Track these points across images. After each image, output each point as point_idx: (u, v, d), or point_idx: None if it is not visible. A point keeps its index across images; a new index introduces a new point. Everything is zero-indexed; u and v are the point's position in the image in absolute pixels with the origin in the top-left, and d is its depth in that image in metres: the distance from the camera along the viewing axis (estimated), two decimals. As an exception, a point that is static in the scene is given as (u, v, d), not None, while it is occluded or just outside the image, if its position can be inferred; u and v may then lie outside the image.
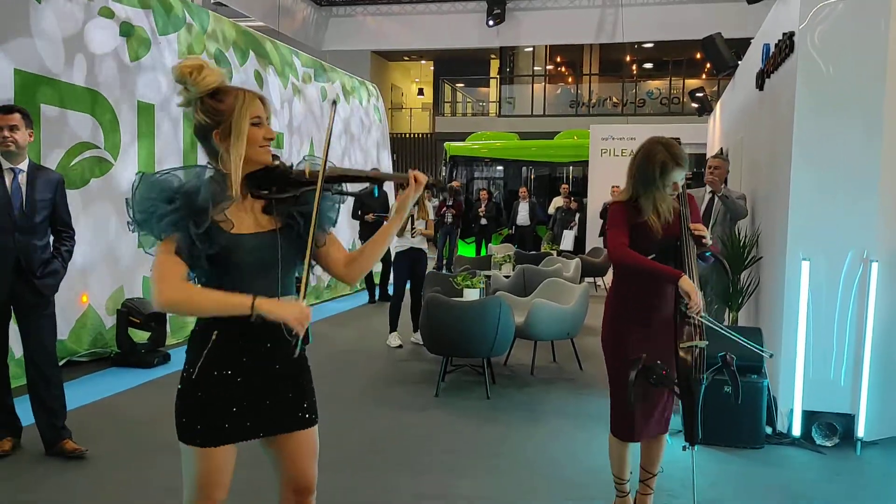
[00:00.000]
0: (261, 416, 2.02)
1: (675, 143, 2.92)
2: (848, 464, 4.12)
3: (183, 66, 1.91)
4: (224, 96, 1.94)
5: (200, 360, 1.96)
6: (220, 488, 2.01)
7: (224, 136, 1.93)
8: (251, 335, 1.97)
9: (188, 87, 1.92)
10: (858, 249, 4.33)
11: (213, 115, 1.92)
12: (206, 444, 1.97)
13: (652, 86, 22.79)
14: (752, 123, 6.52)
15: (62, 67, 5.86)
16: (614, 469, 3.16)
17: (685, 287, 2.72)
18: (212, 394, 1.96)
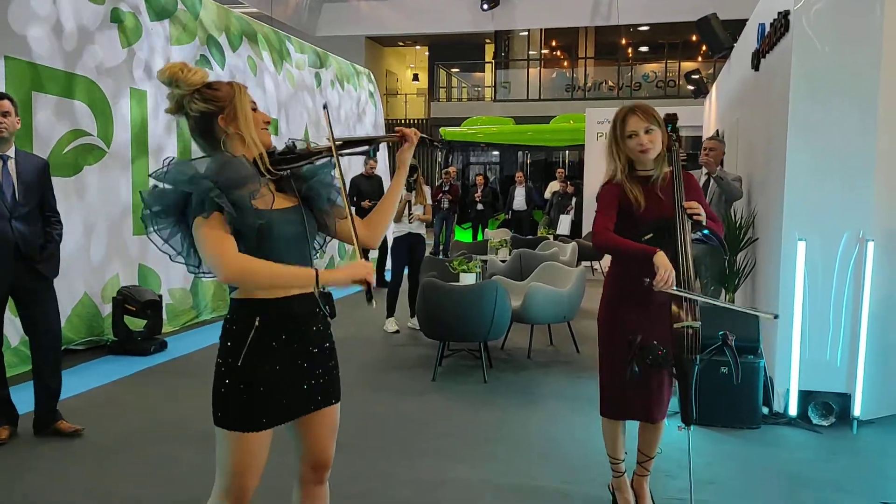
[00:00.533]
0: (297, 397, 2.07)
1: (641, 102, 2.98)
2: (844, 443, 4.14)
3: (169, 67, 1.99)
4: (219, 85, 2.03)
5: (245, 347, 1.97)
6: (254, 474, 2.04)
7: (230, 119, 2.00)
8: (290, 319, 2.03)
9: (179, 86, 1.98)
10: (854, 229, 4.32)
11: (214, 101, 1.99)
12: (247, 430, 1.99)
13: (647, 69, 22.70)
14: (747, 104, 6.50)
15: (52, 54, 5.81)
16: (608, 449, 3.17)
17: (657, 261, 2.71)
18: (256, 380, 1.99)
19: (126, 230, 6.60)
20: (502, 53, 24.22)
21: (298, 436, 2.16)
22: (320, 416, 2.14)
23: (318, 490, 2.24)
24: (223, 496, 2.04)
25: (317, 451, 2.18)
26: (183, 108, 2.02)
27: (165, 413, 4.58)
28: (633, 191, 2.88)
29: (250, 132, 2.00)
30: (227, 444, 2.01)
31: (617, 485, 3.21)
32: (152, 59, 6.93)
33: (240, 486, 2.02)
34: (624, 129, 2.90)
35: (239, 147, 2.01)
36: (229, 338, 2.02)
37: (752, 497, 3.42)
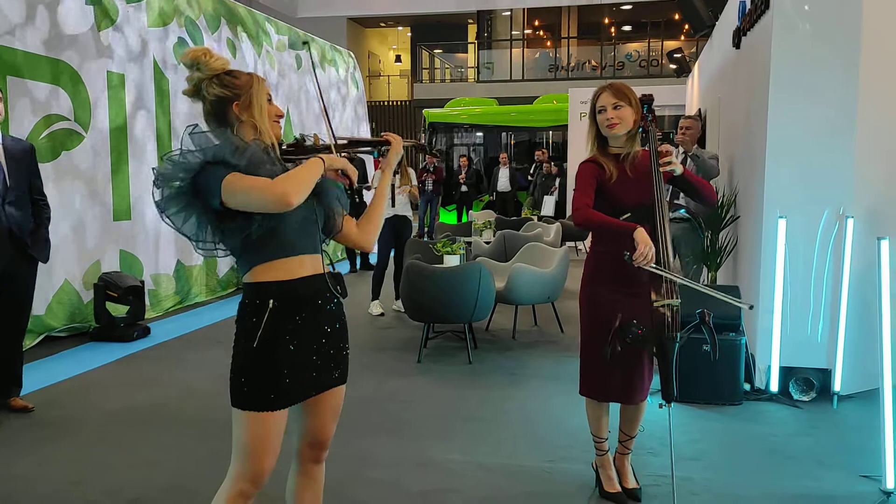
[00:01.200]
0: (312, 377, 2.11)
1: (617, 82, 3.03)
2: (825, 417, 4.19)
3: (193, 50, 2.05)
4: (238, 74, 2.09)
5: (260, 329, 2.00)
6: (271, 454, 2.06)
7: (244, 107, 2.05)
8: (302, 299, 2.07)
9: (200, 69, 2.04)
10: (834, 206, 4.35)
11: (232, 89, 2.04)
12: (265, 409, 2.01)
13: (630, 48, 22.66)
14: (729, 83, 6.50)
15: (28, 37, 5.71)
16: (592, 428, 3.19)
17: (637, 237, 2.73)
18: (273, 359, 2.02)
19: (107, 216, 6.54)
20: (485, 34, 24.09)
21: (303, 414, 2.19)
22: (326, 395, 2.18)
23: (315, 469, 2.28)
24: (240, 478, 2.04)
25: (318, 430, 2.21)
26: (200, 92, 2.06)
27: (148, 399, 4.56)
28: (606, 163, 2.92)
29: (263, 122, 2.06)
30: (245, 424, 2.03)
31: (600, 462, 3.23)
32: (129, 41, 6.83)
33: (257, 467, 2.04)
34: (596, 104, 2.97)
35: (250, 135, 2.05)
36: (244, 321, 2.05)
37: (733, 472, 3.46)
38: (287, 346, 2.04)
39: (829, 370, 4.42)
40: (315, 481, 2.29)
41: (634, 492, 3.18)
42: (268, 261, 2.03)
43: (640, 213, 2.85)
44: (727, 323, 4.35)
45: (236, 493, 2.04)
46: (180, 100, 7.63)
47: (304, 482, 2.27)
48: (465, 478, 3.41)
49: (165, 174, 1.95)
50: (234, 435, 2.05)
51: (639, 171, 2.91)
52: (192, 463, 3.56)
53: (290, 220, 2.01)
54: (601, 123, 2.95)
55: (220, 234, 1.99)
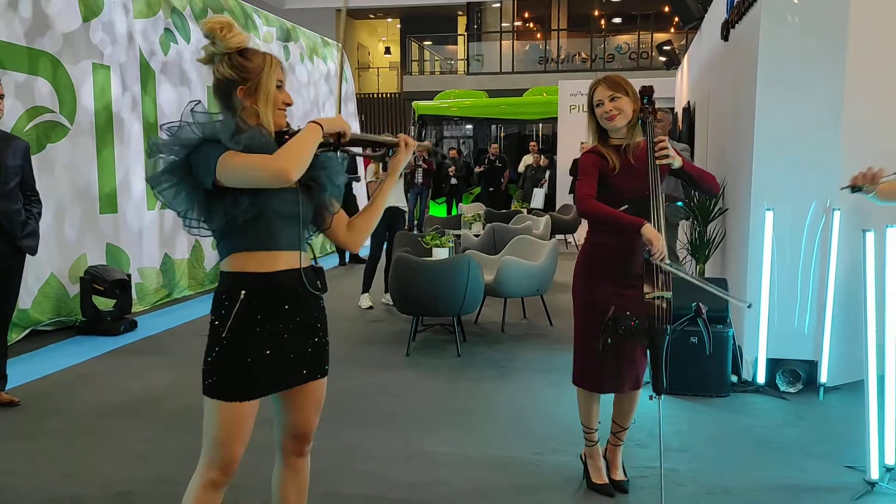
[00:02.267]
0: (284, 369, 2.09)
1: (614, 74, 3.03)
2: (811, 408, 4.22)
3: (213, 21, 2.00)
4: (252, 55, 2.03)
5: (230, 318, 1.99)
6: (240, 443, 2.05)
7: (249, 92, 2.01)
8: (276, 292, 2.04)
9: (216, 43, 2.00)
10: (821, 199, 4.37)
11: (240, 72, 2.00)
12: (234, 399, 2.01)
13: (620, 40, 22.66)
14: (717, 75, 6.51)
15: (11, 30, 5.64)
16: (582, 418, 3.20)
17: (647, 234, 2.73)
18: (242, 349, 2.01)
19: (93, 209, 6.49)
20: (475, 26, 24.02)
21: (283, 407, 2.18)
22: (306, 388, 2.16)
23: (299, 462, 2.26)
24: (210, 466, 2.05)
25: (299, 422, 2.19)
26: (212, 63, 2.03)
27: (136, 392, 4.54)
28: (609, 154, 2.92)
29: (266, 111, 2.01)
30: (215, 413, 2.02)
31: (589, 453, 3.24)
32: (114, 32, 6.77)
33: (226, 455, 2.03)
34: (593, 98, 2.96)
35: (252, 120, 2.02)
36: (218, 309, 2.04)
37: (720, 463, 3.48)
38: (257, 338, 2.02)
39: (815, 362, 4.45)
40: (299, 474, 2.27)
41: (622, 483, 3.19)
42: (246, 250, 2.01)
43: (638, 205, 2.85)
44: (714, 315, 4.35)
45: (206, 481, 2.05)
46: (167, 92, 7.57)
47: (288, 476, 2.26)
48: (453, 470, 3.41)
49: (160, 145, 1.94)
50: (205, 423, 2.05)
51: (640, 161, 2.91)
52: (180, 456, 3.54)
53: (274, 212, 2.00)
54: (600, 117, 2.94)
55: (207, 213, 1.99)
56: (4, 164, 4.04)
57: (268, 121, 2.02)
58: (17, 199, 4.12)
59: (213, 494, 2.06)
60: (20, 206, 4.15)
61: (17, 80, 5.68)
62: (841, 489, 3.21)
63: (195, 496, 2.05)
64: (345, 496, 3.16)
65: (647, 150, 2.89)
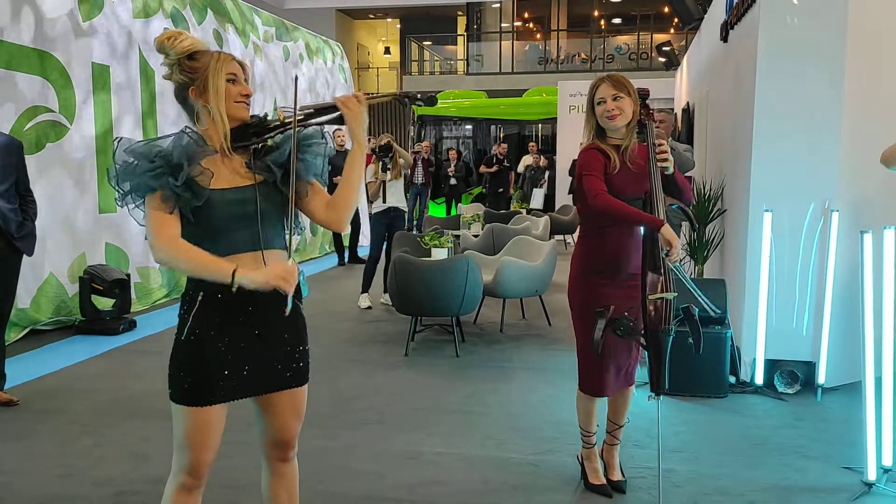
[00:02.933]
0: (249, 376, 2.06)
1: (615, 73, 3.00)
2: (809, 409, 4.22)
3: (161, 35, 2.02)
4: (199, 56, 2.03)
5: (189, 321, 2.00)
6: (208, 448, 2.04)
7: (200, 92, 2.00)
8: (234, 298, 1.97)
9: (167, 53, 2.01)
10: (820, 200, 4.38)
11: (189, 73, 2.01)
12: (194, 403, 2.00)
13: (620, 41, 22.67)
14: (716, 76, 6.52)
15: (11, 28, 5.65)
16: (581, 422, 3.20)
17: (666, 234, 2.72)
18: (200, 354, 2.00)
19: (91, 208, 6.49)
20: (474, 26, 24.02)
21: (261, 414, 2.17)
22: (282, 396, 2.12)
23: (284, 467, 2.24)
24: (180, 470, 2.05)
25: (276, 430, 2.17)
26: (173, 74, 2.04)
27: (135, 392, 4.54)
28: (610, 152, 2.90)
29: (219, 106, 1.99)
30: (180, 418, 2.02)
31: (587, 455, 3.25)
32: (114, 33, 6.77)
33: (195, 460, 2.03)
34: (595, 96, 2.93)
35: (207, 119, 2.01)
36: (180, 312, 2.05)
37: (718, 464, 3.48)
38: (215, 342, 2.00)
39: (813, 363, 4.45)
40: (286, 478, 2.25)
41: (620, 484, 3.20)
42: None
43: (637, 207, 2.85)
44: (713, 316, 4.37)
45: (178, 486, 2.05)
46: (166, 91, 7.57)
47: (276, 480, 2.24)
48: (451, 470, 3.42)
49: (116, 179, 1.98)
50: (174, 428, 2.04)
51: (636, 164, 2.91)
52: (179, 456, 3.54)
53: (220, 219, 1.97)
54: (600, 115, 2.91)
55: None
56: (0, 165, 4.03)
57: (221, 116, 1.99)
58: (12, 200, 4.12)
59: (187, 497, 2.06)
60: (16, 206, 4.15)
61: (16, 79, 5.68)
62: (838, 490, 3.21)
63: (171, 499, 2.06)
64: (343, 495, 3.17)
65: (649, 152, 2.88)
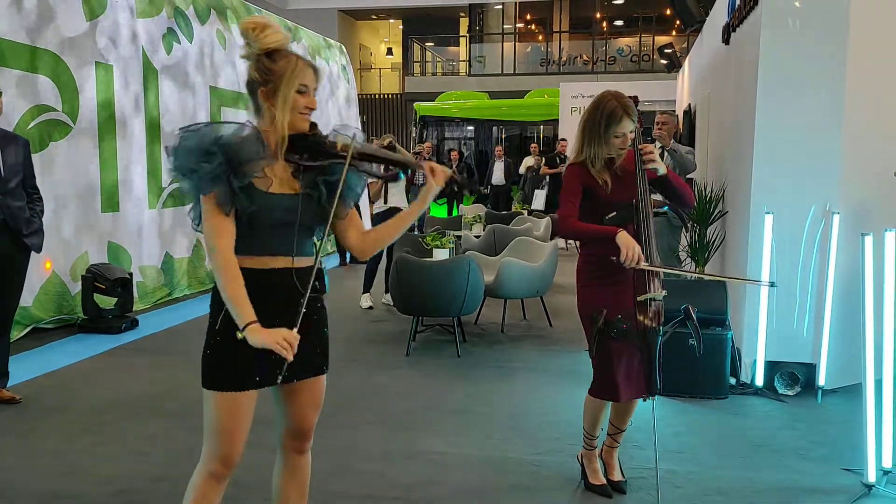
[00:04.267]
0: (279, 363, 2.05)
1: (626, 97, 2.93)
2: (809, 411, 4.23)
3: (248, 22, 2.01)
4: (278, 58, 2.03)
5: (223, 311, 2.00)
6: (239, 434, 2.07)
7: (269, 95, 2.02)
8: (269, 289, 2.04)
9: (249, 44, 2.02)
10: (821, 203, 4.38)
11: (263, 74, 2.02)
12: (229, 389, 2.03)
13: (622, 43, 22.69)
14: (718, 79, 6.52)
15: (14, 28, 5.67)
16: (587, 425, 3.19)
17: (619, 241, 2.74)
18: (236, 341, 1.99)
19: (95, 207, 6.51)
20: (477, 27, 24.05)
21: (282, 403, 2.20)
22: (305, 385, 2.17)
23: (300, 460, 2.27)
24: (211, 458, 2.07)
25: (298, 419, 2.21)
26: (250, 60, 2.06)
27: (137, 390, 4.55)
28: (601, 175, 2.90)
29: (284, 114, 2.00)
30: (212, 404, 2.05)
31: (587, 456, 3.25)
32: (117, 32, 6.79)
33: (226, 447, 2.06)
34: (615, 128, 2.86)
35: (267, 123, 2.04)
36: (214, 302, 2.06)
37: (718, 465, 3.49)
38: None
39: (813, 365, 4.46)
40: (300, 472, 2.29)
41: (620, 484, 3.21)
42: (239, 253, 2.00)
43: (626, 211, 2.86)
44: (713, 317, 4.39)
45: (207, 473, 2.07)
46: (169, 91, 7.59)
47: (289, 474, 2.27)
48: (452, 470, 3.42)
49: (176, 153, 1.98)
50: (205, 416, 2.07)
51: (626, 170, 2.92)
52: (181, 454, 3.56)
53: (269, 223, 2.01)
54: (615, 145, 2.88)
55: (199, 216, 2.04)
56: (6, 162, 4.07)
57: (281, 124, 2.01)
58: (20, 197, 4.17)
59: (214, 486, 2.08)
60: (24, 203, 4.20)
61: (19, 77, 5.70)
62: (838, 492, 3.22)
63: (197, 487, 2.08)
64: (344, 495, 3.18)
65: (635, 157, 2.90)
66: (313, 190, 2.08)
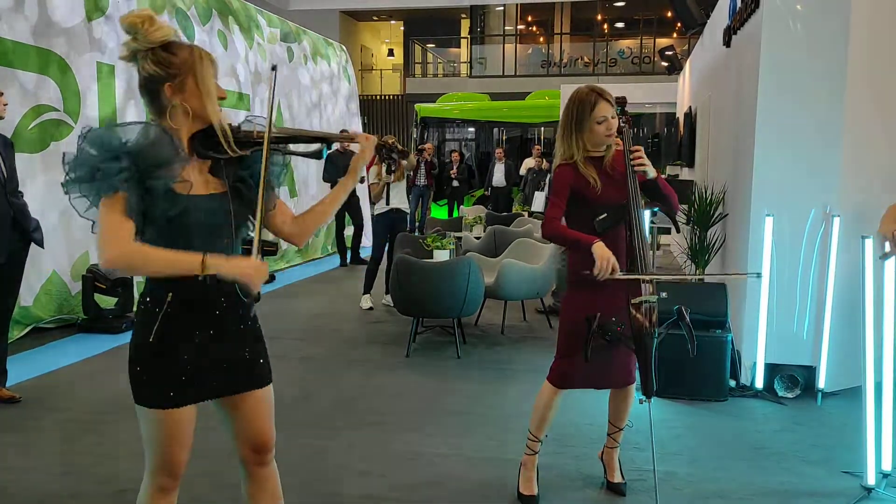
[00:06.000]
0: (217, 376, 2.01)
1: (600, 87, 2.95)
2: (808, 414, 4.23)
3: (133, 14, 1.87)
4: (178, 49, 1.91)
5: (156, 323, 1.92)
6: (183, 448, 2.01)
7: (178, 89, 1.89)
8: (204, 297, 1.95)
9: (137, 38, 1.87)
10: (821, 205, 4.39)
11: (166, 67, 1.88)
12: (166, 406, 1.95)
13: (623, 45, 22.71)
14: (719, 81, 6.53)
15: (15, 27, 5.67)
16: (535, 424, 3.11)
17: (595, 252, 2.71)
18: (170, 356, 1.94)
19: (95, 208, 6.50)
20: (478, 29, 24.07)
21: (230, 419, 2.10)
22: (252, 398, 2.08)
23: (262, 471, 2.16)
24: (156, 472, 2.01)
25: (250, 433, 2.10)
26: (135, 61, 1.91)
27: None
28: (590, 174, 2.88)
29: (213, 105, 1.90)
30: (149, 421, 1.97)
31: (527, 462, 3.17)
32: (120, 32, 6.77)
33: (169, 461, 2.00)
34: (594, 113, 2.85)
35: (182, 120, 1.90)
36: (143, 315, 1.95)
37: (717, 467, 3.49)
38: (185, 344, 1.95)
39: (813, 367, 4.46)
40: (266, 482, 2.18)
41: (620, 486, 3.21)
42: None
43: (617, 212, 2.86)
44: (713, 320, 4.39)
45: (156, 487, 2.02)
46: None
47: (256, 486, 2.17)
48: (452, 471, 3.43)
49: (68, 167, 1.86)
50: (143, 432, 2.00)
51: (616, 170, 2.92)
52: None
53: (191, 227, 1.90)
54: (600, 132, 2.86)
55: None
56: (7, 163, 4.14)
57: (215, 115, 1.90)
58: (20, 196, 4.25)
59: (167, 498, 2.03)
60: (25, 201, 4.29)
61: (21, 78, 5.71)
62: (837, 494, 3.22)
63: (147, 503, 2.03)
64: (344, 496, 3.18)
65: (625, 158, 2.90)
66: (240, 183, 1.99)
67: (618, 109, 2.91)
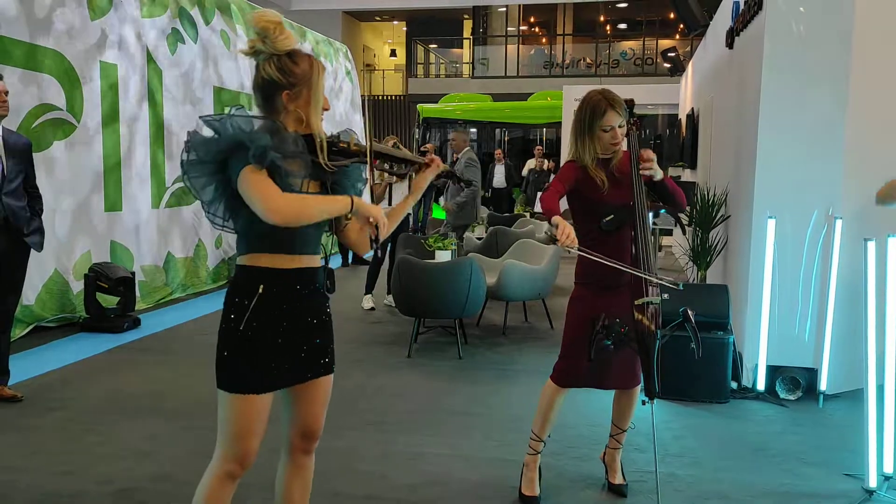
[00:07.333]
0: (296, 363, 2.11)
1: (613, 93, 2.93)
2: (810, 416, 4.23)
3: (266, 19, 1.97)
4: (300, 60, 2.02)
5: (247, 311, 2.01)
6: (256, 435, 2.08)
7: (293, 97, 2.00)
8: (292, 289, 2.07)
9: (266, 42, 1.98)
10: (823, 207, 4.38)
11: (287, 76, 1.99)
12: (248, 392, 2.02)
13: (625, 46, 22.70)
14: (721, 83, 6.53)
15: (19, 26, 5.68)
16: (538, 424, 3.12)
17: (555, 222, 2.67)
18: (258, 343, 2.03)
19: (97, 206, 6.52)
20: (480, 29, 24.07)
21: (292, 403, 2.20)
22: (315, 385, 2.19)
23: (305, 460, 2.27)
24: (227, 459, 2.07)
25: (308, 419, 2.21)
26: (257, 58, 2.02)
27: (138, 390, 4.56)
28: (598, 175, 2.89)
29: (316, 117, 2.02)
30: (229, 406, 2.04)
31: (528, 462, 3.17)
32: (122, 31, 6.81)
33: (243, 448, 2.06)
34: (602, 122, 2.86)
35: (293, 126, 2.02)
36: (233, 303, 2.04)
37: (718, 469, 3.49)
38: (273, 332, 2.04)
39: (815, 369, 4.46)
40: (305, 471, 2.29)
41: (621, 487, 3.21)
42: (266, 252, 2.03)
43: (623, 213, 2.86)
44: (715, 321, 4.39)
45: (223, 473, 2.07)
46: (173, 91, 7.60)
47: (294, 472, 2.27)
48: (453, 471, 3.43)
49: (198, 144, 1.96)
50: (220, 416, 2.07)
51: (623, 172, 2.92)
52: (182, 453, 3.56)
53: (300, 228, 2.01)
54: (607, 141, 2.87)
55: (231, 212, 2.03)
56: (9, 162, 4.11)
57: (318, 126, 2.02)
58: (21, 197, 4.20)
59: (228, 486, 2.09)
60: (24, 203, 4.22)
61: (24, 77, 5.71)
62: (839, 497, 3.22)
63: (210, 486, 2.07)
64: (345, 496, 3.18)
65: (632, 161, 2.90)
66: (338, 187, 2.12)
67: (626, 114, 2.90)
